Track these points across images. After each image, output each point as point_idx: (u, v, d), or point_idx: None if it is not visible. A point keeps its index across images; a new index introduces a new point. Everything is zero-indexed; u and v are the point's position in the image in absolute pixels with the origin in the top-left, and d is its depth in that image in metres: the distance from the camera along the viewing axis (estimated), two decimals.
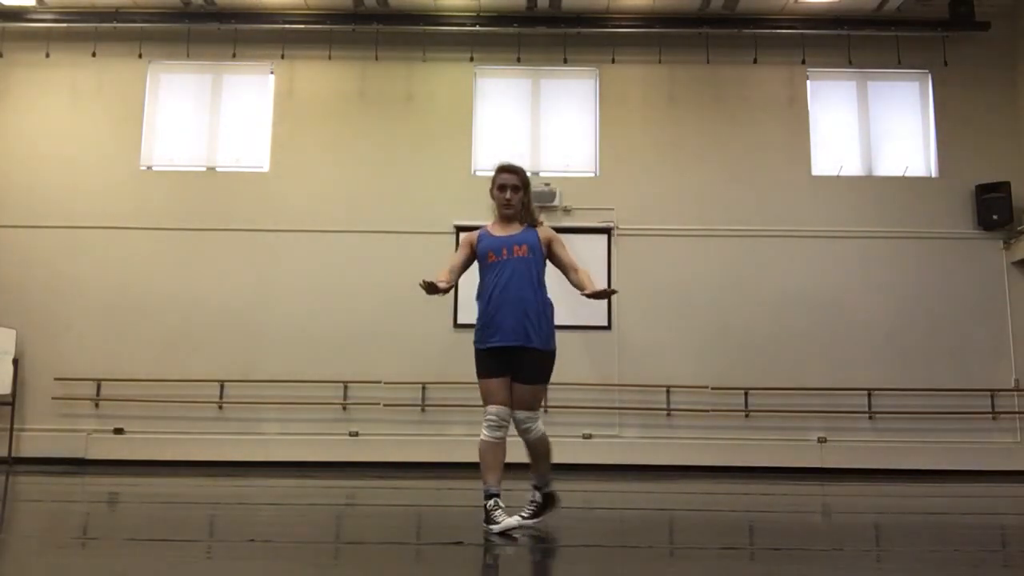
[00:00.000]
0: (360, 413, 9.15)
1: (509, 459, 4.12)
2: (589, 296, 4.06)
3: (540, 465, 4.21)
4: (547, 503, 4.24)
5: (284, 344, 9.27)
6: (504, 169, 4.24)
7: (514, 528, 3.87)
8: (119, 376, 9.13)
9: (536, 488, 4.22)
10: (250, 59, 9.90)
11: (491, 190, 4.29)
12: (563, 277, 4.33)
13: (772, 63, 9.81)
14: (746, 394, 9.09)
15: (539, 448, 4.18)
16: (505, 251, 4.17)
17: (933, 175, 9.76)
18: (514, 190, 4.21)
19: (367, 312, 9.33)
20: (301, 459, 8.85)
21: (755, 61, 9.72)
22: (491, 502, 3.96)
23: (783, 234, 9.52)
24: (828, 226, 9.53)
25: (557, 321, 4.36)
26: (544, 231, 4.28)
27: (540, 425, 4.17)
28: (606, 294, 4.08)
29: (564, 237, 4.42)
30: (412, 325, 9.28)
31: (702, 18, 9.64)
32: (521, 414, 4.09)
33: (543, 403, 9.08)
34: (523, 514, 4.11)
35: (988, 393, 9.13)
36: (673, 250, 9.40)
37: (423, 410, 9.14)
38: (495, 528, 3.82)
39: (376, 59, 9.80)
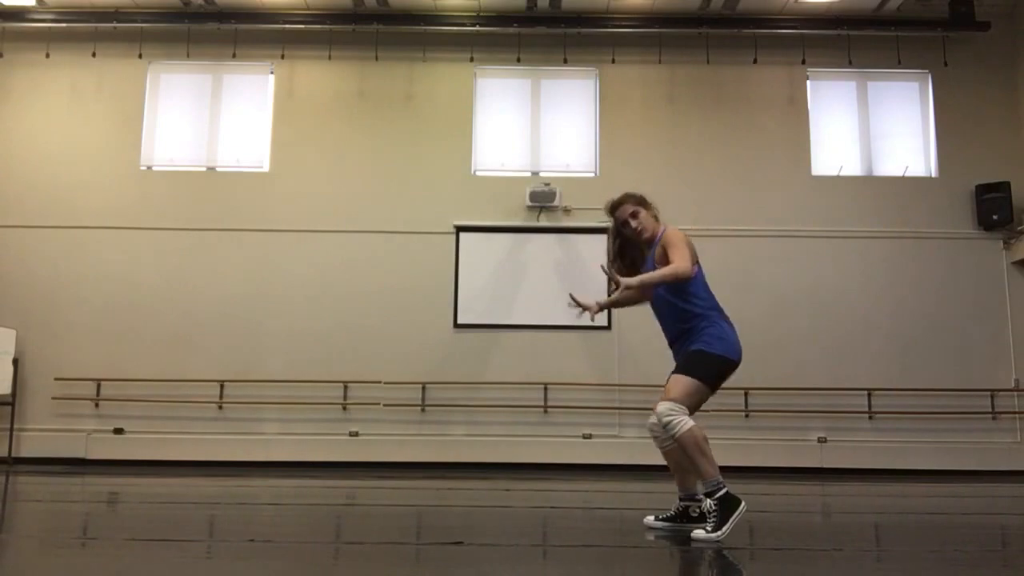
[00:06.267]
0: (360, 413, 9.15)
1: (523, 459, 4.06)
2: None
3: (695, 465, 3.79)
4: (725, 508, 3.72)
5: (284, 344, 9.28)
6: (610, 210, 4.16)
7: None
8: (119, 376, 9.14)
9: (706, 495, 3.78)
10: (250, 59, 9.90)
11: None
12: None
13: (772, 63, 9.81)
14: (746, 394, 9.09)
15: (685, 446, 3.78)
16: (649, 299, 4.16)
17: (933, 175, 9.76)
18: (633, 216, 4.12)
19: (367, 312, 9.33)
20: (301, 459, 8.86)
21: (755, 61, 9.72)
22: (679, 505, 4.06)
23: (783, 234, 9.52)
24: (828, 226, 9.54)
25: (557, 320, 4.33)
26: (661, 245, 4.03)
27: (681, 419, 3.75)
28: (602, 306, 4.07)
29: (564, 237, 4.36)
30: (412, 325, 9.28)
31: (702, 18, 9.64)
32: (659, 406, 3.82)
33: (546, 403, 9.10)
34: (707, 527, 3.72)
35: (988, 393, 9.13)
36: None
37: (423, 410, 9.14)
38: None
39: (376, 59, 9.80)
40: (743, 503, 3.77)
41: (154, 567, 3.15)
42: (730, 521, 3.71)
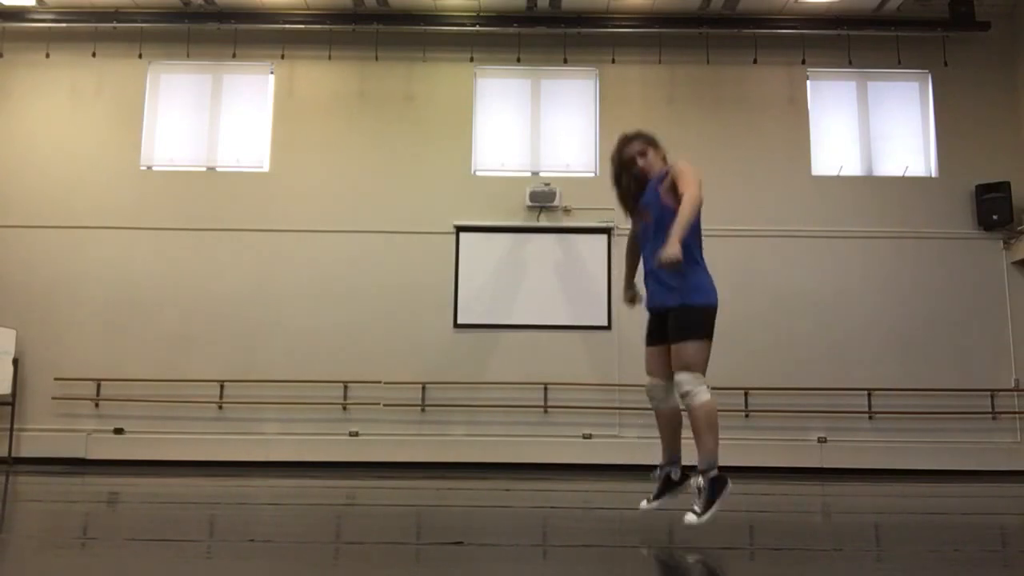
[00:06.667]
0: (360, 413, 9.14)
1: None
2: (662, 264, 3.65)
3: (701, 439, 3.73)
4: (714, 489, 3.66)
5: (284, 344, 9.27)
6: (620, 145, 4.05)
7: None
8: (119, 376, 9.13)
9: (700, 472, 3.71)
10: (250, 59, 9.89)
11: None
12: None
13: (772, 63, 9.80)
14: (746, 394, 9.09)
15: (698, 417, 3.74)
16: (640, 214, 4.00)
17: (933, 175, 9.75)
18: (641, 155, 4.01)
19: (367, 312, 9.33)
20: (301, 459, 8.85)
21: (755, 61, 9.72)
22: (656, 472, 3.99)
23: (783, 234, 9.52)
24: (828, 226, 9.53)
25: (557, 320, 4.29)
26: (670, 178, 3.89)
27: (700, 388, 3.70)
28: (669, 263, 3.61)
29: (564, 237, 4.32)
30: (412, 325, 9.28)
31: (702, 18, 9.64)
32: (677, 376, 3.73)
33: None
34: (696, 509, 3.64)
35: (988, 393, 9.12)
36: None
37: (423, 410, 9.14)
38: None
39: (376, 59, 9.80)
40: (729, 482, 3.68)
41: (154, 567, 3.15)
42: (716, 503, 3.63)
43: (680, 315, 3.80)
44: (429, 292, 9.36)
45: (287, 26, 9.73)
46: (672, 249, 3.58)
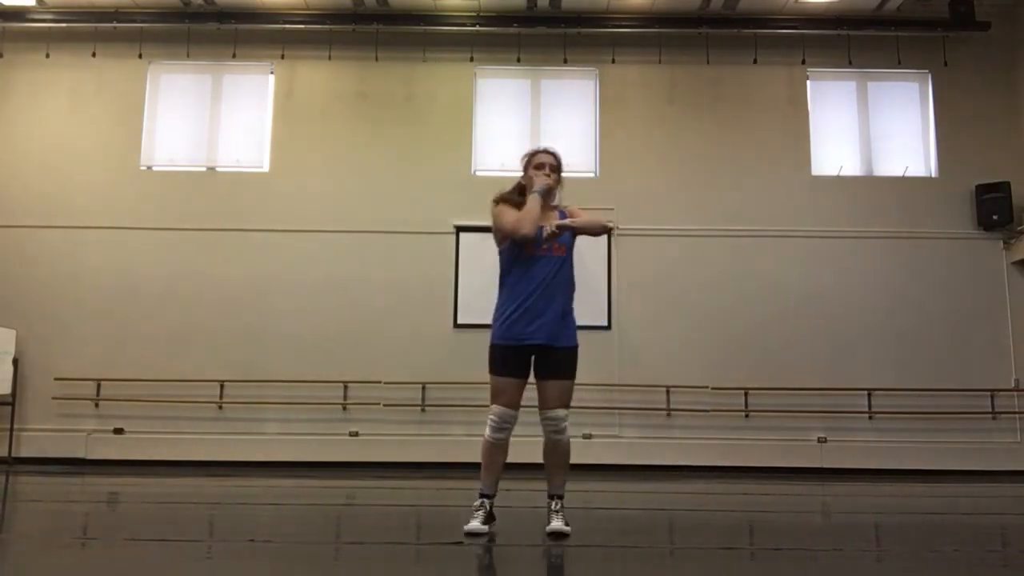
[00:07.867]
0: (360, 413, 9.14)
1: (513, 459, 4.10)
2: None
3: (563, 470, 4.11)
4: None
5: (284, 344, 9.27)
6: (542, 150, 4.36)
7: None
8: (119, 376, 9.13)
9: (558, 497, 4.08)
10: (250, 59, 9.89)
11: (526, 171, 4.35)
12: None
13: (772, 63, 9.80)
14: (746, 394, 9.09)
15: (566, 452, 4.15)
16: (545, 247, 4.10)
17: (933, 175, 9.75)
18: (553, 169, 4.23)
19: (367, 312, 9.33)
20: (301, 459, 8.85)
21: (755, 61, 9.72)
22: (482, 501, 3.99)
23: (783, 234, 9.52)
24: (828, 226, 9.53)
25: None
26: (571, 212, 4.31)
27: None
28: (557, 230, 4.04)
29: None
30: (412, 325, 9.28)
31: (702, 18, 9.64)
32: (558, 412, 3.99)
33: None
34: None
35: (988, 393, 9.12)
36: (673, 250, 9.39)
37: (423, 410, 9.14)
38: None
39: (376, 59, 9.80)
40: None
41: (154, 567, 3.15)
42: None
43: (571, 354, 4.05)
44: (429, 292, 9.36)
45: (287, 26, 9.73)
46: (562, 224, 4.07)
